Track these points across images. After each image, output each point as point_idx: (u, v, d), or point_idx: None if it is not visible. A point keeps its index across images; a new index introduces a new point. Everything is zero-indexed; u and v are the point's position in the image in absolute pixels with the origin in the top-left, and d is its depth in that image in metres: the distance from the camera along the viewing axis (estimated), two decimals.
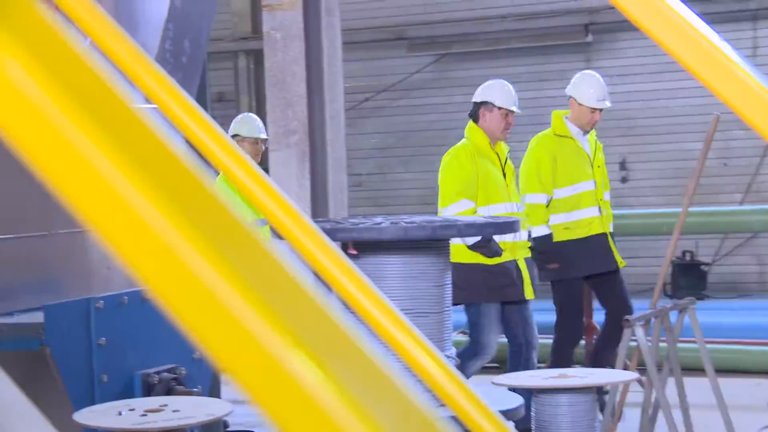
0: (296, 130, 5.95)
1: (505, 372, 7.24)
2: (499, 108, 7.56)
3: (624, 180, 14.18)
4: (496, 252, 7.29)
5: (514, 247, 7.48)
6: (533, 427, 4.68)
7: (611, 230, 8.06)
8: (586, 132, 8.02)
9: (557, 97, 13.84)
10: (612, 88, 13.88)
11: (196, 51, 4.67)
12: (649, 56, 13.09)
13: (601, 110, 8.00)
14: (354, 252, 4.18)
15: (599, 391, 7.38)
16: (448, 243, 4.18)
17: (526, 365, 7.48)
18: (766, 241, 13.51)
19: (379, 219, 4.72)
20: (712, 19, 13.20)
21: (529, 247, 7.80)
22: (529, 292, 7.50)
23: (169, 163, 1.07)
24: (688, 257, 13.43)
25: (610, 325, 7.93)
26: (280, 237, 1.99)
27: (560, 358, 7.84)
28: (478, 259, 7.33)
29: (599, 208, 7.95)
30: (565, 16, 13.75)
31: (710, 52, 1.66)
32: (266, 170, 5.81)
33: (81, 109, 1.03)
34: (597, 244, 7.92)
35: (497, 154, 7.64)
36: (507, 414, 3.86)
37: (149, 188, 1.02)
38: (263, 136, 8.51)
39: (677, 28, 1.66)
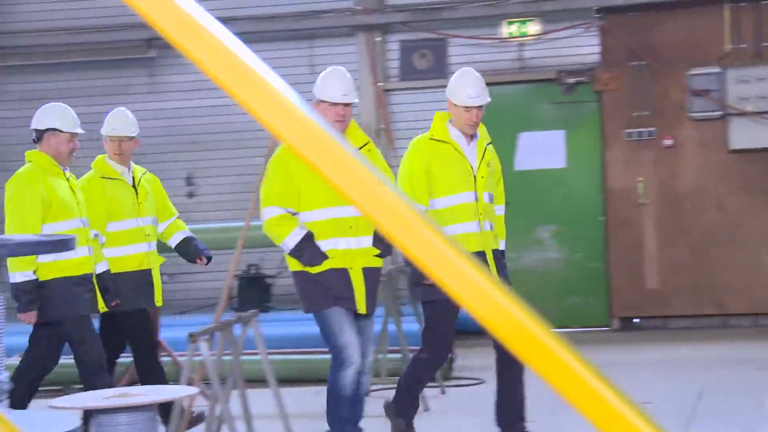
0: None
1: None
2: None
3: (191, 195, 14.24)
4: (311, 260, 6.68)
5: (348, 256, 6.76)
6: None
7: (500, 247, 7.39)
8: (470, 136, 7.28)
9: None
10: (178, 103, 14.02)
11: None
12: None
13: (480, 107, 7.23)
14: None
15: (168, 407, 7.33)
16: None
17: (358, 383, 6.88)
18: None
19: None
20: (271, 37, 13.55)
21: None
22: (362, 307, 6.79)
23: None
24: (253, 270, 13.69)
25: None
26: None
27: (417, 376, 7.34)
28: (303, 266, 6.73)
29: (479, 223, 7.23)
30: (126, 30, 13.64)
31: (245, 72, 1.69)
32: None
33: None
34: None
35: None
36: None
37: None
38: (80, 130, 7.79)
39: (212, 47, 1.67)
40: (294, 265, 6.79)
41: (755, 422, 7.86)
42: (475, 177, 7.21)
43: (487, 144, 7.37)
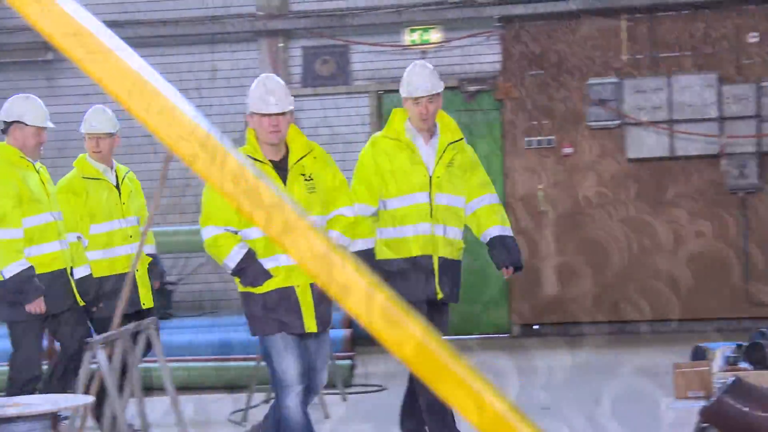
0: None
1: None
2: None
3: None
4: (254, 280, 6.25)
5: (293, 272, 6.25)
6: None
7: (496, 234, 7.29)
8: (428, 134, 7.04)
9: None
10: (76, 107, 13.80)
11: None
12: None
13: (431, 101, 6.94)
14: None
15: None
16: None
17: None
18: None
19: None
20: (172, 41, 13.42)
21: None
22: (311, 325, 6.31)
23: None
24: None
25: None
26: None
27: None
28: (249, 287, 6.32)
29: (431, 225, 6.98)
30: (23, 32, 13.42)
31: (130, 76, 1.66)
32: None
33: None
34: (416, 268, 6.93)
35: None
36: None
37: None
38: (49, 124, 7.52)
39: (97, 51, 1.64)
40: (240, 285, 6.40)
41: (652, 428, 7.97)
42: (430, 178, 6.97)
43: (451, 142, 7.08)
